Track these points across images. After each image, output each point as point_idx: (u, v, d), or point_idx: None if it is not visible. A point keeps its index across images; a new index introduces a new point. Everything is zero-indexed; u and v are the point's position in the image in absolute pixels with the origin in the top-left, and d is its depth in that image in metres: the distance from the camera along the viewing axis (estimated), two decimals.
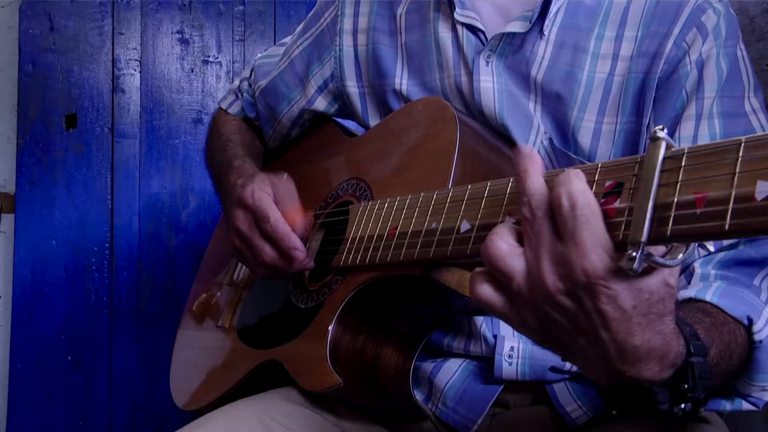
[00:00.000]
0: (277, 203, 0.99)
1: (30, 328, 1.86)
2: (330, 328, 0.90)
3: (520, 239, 0.59)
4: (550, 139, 0.96)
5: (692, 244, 0.53)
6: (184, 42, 1.97)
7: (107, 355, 1.90)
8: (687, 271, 0.87)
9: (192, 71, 1.98)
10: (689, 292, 0.81)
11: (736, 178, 0.49)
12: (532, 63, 0.96)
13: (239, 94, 1.30)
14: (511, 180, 0.67)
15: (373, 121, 1.12)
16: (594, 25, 0.95)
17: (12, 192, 1.91)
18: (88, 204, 1.90)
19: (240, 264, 1.21)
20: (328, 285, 0.96)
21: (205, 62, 1.98)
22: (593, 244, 0.53)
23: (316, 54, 1.17)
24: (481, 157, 0.92)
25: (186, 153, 1.95)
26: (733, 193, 0.49)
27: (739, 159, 0.49)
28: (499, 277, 0.59)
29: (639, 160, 0.56)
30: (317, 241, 1.05)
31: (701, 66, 0.90)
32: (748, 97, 0.91)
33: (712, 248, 0.84)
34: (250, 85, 1.27)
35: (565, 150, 0.95)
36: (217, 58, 1.99)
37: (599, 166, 0.59)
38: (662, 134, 0.54)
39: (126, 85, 1.94)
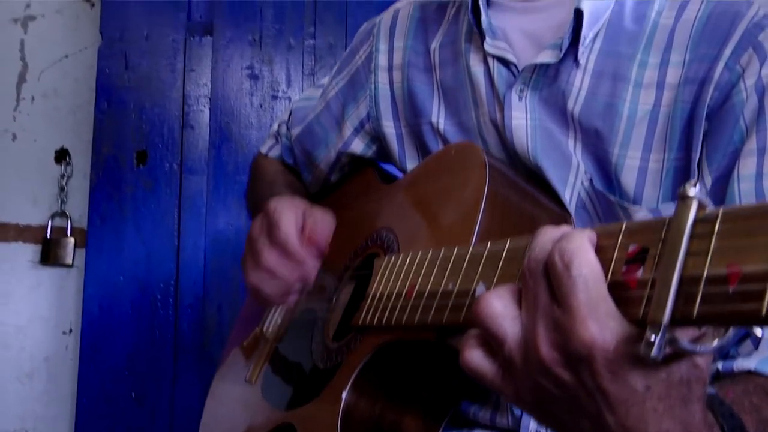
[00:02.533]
0: (303, 226, 0.95)
1: (96, 362, 1.88)
2: (343, 393, 0.82)
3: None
4: (591, 180, 0.85)
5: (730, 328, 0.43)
6: (253, 77, 1.96)
7: (170, 392, 1.89)
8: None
9: (261, 106, 1.96)
10: (749, 363, 0.68)
11: None
12: (569, 95, 0.86)
13: (278, 138, 1.25)
14: (528, 237, 0.58)
15: (411, 164, 1.05)
16: (636, 51, 0.85)
17: (85, 227, 1.95)
18: (156, 240, 1.90)
19: (271, 317, 1.15)
20: (347, 344, 0.89)
21: (274, 97, 1.96)
22: (591, 310, 0.45)
23: (351, 93, 1.11)
24: (513, 207, 0.83)
25: None
26: None
27: None
28: (490, 341, 0.52)
29: (667, 222, 0.46)
30: (347, 294, 0.98)
31: (761, 92, 0.77)
32: None
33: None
34: (288, 129, 1.22)
35: (607, 192, 0.85)
36: (286, 92, 1.97)
37: (624, 226, 0.49)
38: (693, 191, 0.44)
39: (195, 121, 1.94)
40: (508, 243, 0.62)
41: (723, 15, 0.81)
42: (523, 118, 0.88)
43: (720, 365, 0.70)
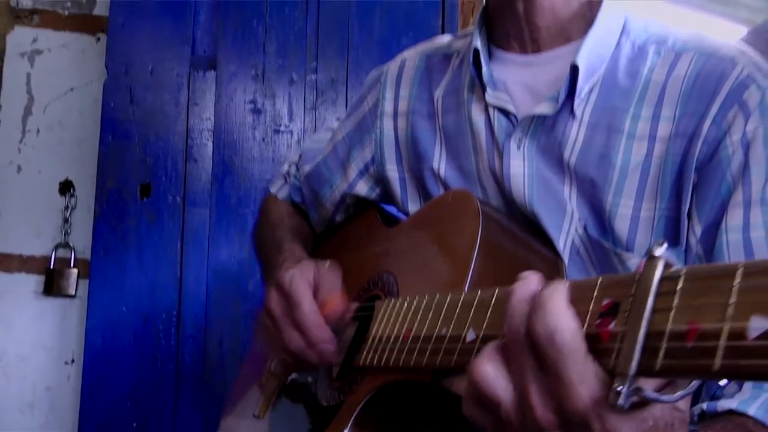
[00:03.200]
0: (317, 292, 0.95)
1: (98, 392, 1.89)
2: (345, 431, 0.85)
3: None
4: (585, 227, 0.89)
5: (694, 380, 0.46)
6: (256, 111, 2.00)
7: (171, 422, 1.90)
8: None
9: (263, 140, 2.00)
10: (731, 403, 0.71)
11: (730, 310, 0.42)
12: (565, 145, 0.90)
13: (287, 178, 1.29)
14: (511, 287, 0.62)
15: (413, 207, 1.09)
16: (629, 105, 0.89)
17: (89, 258, 1.97)
18: (158, 272, 1.93)
19: None
20: (349, 384, 0.91)
21: (277, 131, 2.00)
22: (579, 376, 0.48)
23: (357, 137, 1.15)
24: (505, 254, 0.87)
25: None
26: (725, 328, 0.42)
27: (736, 287, 0.43)
28: (487, 402, 0.54)
29: (636, 278, 0.49)
30: (350, 334, 1.01)
31: (747, 147, 0.81)
32: None
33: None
34: (297, 169, 1.26)
35: (601, 239, 0.88)
36: (289, 126, 2.00)
37: (599, 280, 0.52)
38: (660, 252, 0.48)
39: (199, 155, 1.97)
40: (496, 291, 0.65)
41: (710, 74, 0.85)
42: (521, 166, 0.92)
43: (705, 405, 0.73)
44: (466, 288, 0.79)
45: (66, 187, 2.08)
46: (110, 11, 2.00)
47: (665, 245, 0.48)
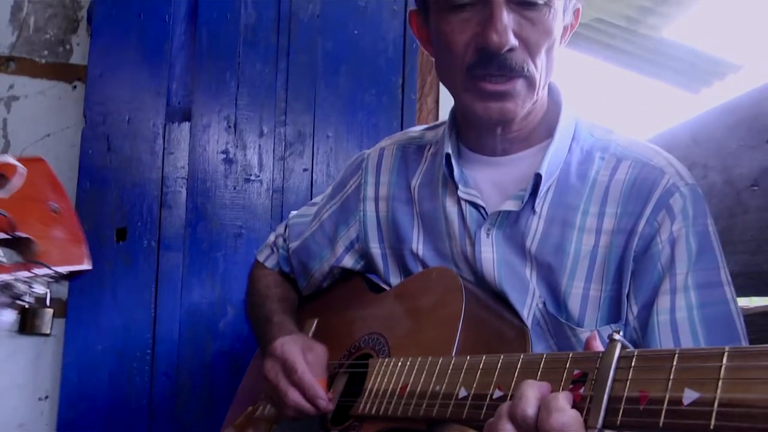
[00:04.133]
0: (306, 356, 1.12)
1: (74, 428, 1.98)
2: None
3: None
4: (544, 303, 1.07)
5: None
6: (228, 161, 2.13)
7: None
8: None
9: (235, 188, 2.13)
10: None
11: (669, 383, 0.61)
12: (527, 236, 1.08)
13: (275, 249, 1.43)
14: (501, 356, 0.81)
15: (394, 279, 1.24)
16: (580, 202, 1.07)
17: (64, 298, 2.06)
18: (133, 312, 2.03)
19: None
20: (347, 430, 1.07)
21: (248, 180, 2.13)
22: None
23: (343, 218, 1.30)
24: (484, 323, 1.04)
25: (226, 266, 2.08)
26: (667, 396, 0.61)
27: (673, 367, 0.62)
28: None
29: (600, 355, 0.69)
30: (341, 385, 1.16)
31: (672, 244, 1.01)
32: (723, 268, 1.01)
33: None
34: (285, 241, 1.41)
35: (557, 314, 1.06)
36: (259, 176, 2.14)
37: (570, 356, 0.72)
38: (618, 337, 0.68)
39: (173, 201, 2.09)
40: (483, 359, 0.84)
41: (644, 180, 1.05)
42: (491, 252, 1.10)
43: None
44: (453, 351, 0.96)
45: None
46: (89, 61, 2.10)
47: (621, 332, 0.67)
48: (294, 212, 1.49)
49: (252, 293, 1.42)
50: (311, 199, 1.95)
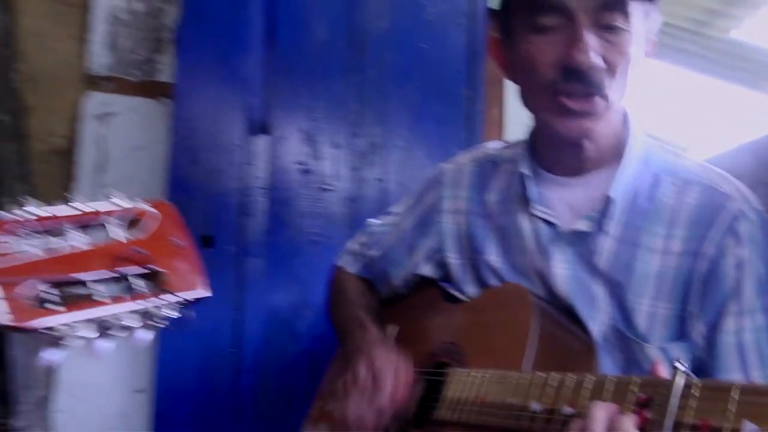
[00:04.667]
0: (397, 370, 1.22)
1: (167, 419, 2.15)
2: None
3: None
4: (612, 319, 1.14)
5: None
6: (305, 172, 2.26)
7: None
8: None
9: (311, 197, 2.26)
10: None
11: (730, 414, 0.69)
12: (597, 254, 1.15)
13: (356, 256, 1.54)
14: (573, 375, 0.90)
15: (469, 288, 1.32)
16: (648, 224, 1.14)
17: None
18: (219, 313, 2.18)
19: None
20: None
21: (323, 189, 2.26)
22: None
23: (422, 229, 1.40)
24: (553, 338, 1.12)
25: (304, 271, 2.22)
26: (726, 427, 0.69)
27: (734, 399, 0.69)
28: None
29: (665, 382, 0.77)
30: (419, 391, 1.27)
31: (739, 267, 1.07)
32: None
33: None
34: (366, 249, 1.51)
35: (624, 330, 1.13)
36: (334, 186, 2.26)
37: (637, 380, 0.81)
38: (683, 368, 0.76)
39: (254, 210, 2.24)
40: (555, 376, 0.92)
41: (711, 204, 1.11)
42: (563, 268, 1.18)
43: None
44: (522, 365, 1.05)
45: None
46: (176, 80, 2.26)
47: (686, 365, 0.74)
48: (373, 221, 1.59)
49: (336, 298, 1.53)
50: (384, 207, 2.06)
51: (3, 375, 2.14)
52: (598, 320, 1.14)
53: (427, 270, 1.40)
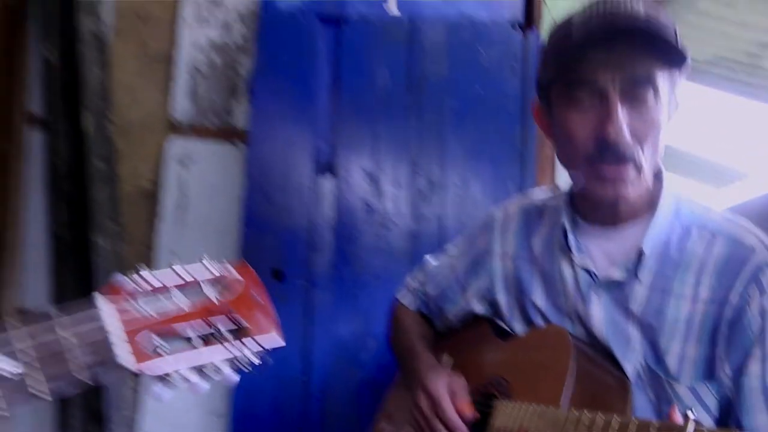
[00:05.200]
0: (450, 392, 1.36)
1: None
2: None
3: None
4: (645, 359, 1.25)
5: None
6: (369, 210, 2.42)
7: None
8: None
9: (375, 235, 2.41)
10: None
11: None
12: (631, 300, 1.27)
13: (414, 293, 1.69)
14: (601, 415, 1.01)
15: (517, 324, 1.45)
16: (678, 273, 1.25)
17: None
18: (289, 343, 2.32)
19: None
20: None
21: (386, 227, 2.41)
22: None
23: (474, 270, 1.54)
24: (589, 377, 1.24)
25: (368, 303, 2.37)
26: None
27: None
28: None
29: (679, 429, 0.89)
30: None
31: (763, 315, 1.17)
32: None
33: None
34: (423, 286, 1.66)
35: (656, 370, 1.24)
36: (396, 223, 2.41)
37: (656, 424, 0.93)
38: (692, 416, 0.88)
39: (321, 246, 2.40)
40: (588, 414, 1.04)
41: (736, 257, 1.22)
42: (600, 311, 1.30)
43: None
44: (561, 401, 1.18)
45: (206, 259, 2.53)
46: (251, 126, 2.46)
47: (695, 414, 0.87)
48: (430, 259, 1.73)
49: (396, 331, 1.68)
50: (443, 242, 2.20)
51: (98, 397, 2.35)
52: (632, 360, 1.25)
53: (479, 308, 1.53)
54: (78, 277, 2.47)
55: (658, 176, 1.32)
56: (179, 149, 2.59)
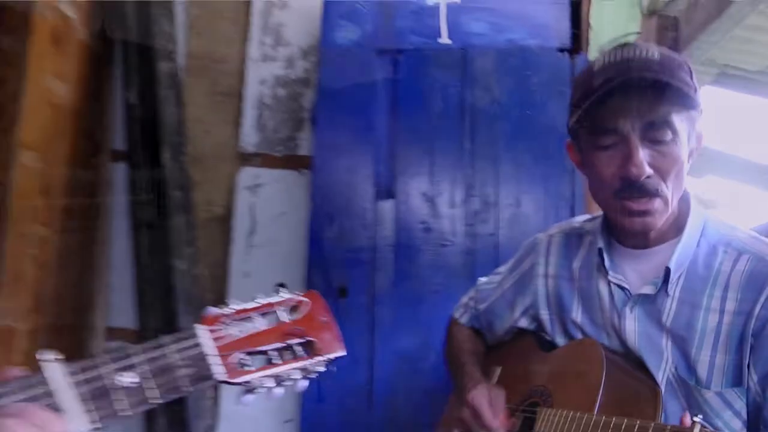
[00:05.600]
0: (491, 403, 1.50)
1: None
2: None
3: None
4: (676, 368, 1.36)
5: None
6: (426, 230, 2.57)
7: None
8: None
9: (433, 253, 2.56)
10: None
11: None
12: (662, 313, 1.37)
13: (468, 309, 1.83)
14: (625, 420, 1.15)
15: (559, 338, 1.57)
16: (706, 287, 1.35)
17: None
18: (355, 355, 2.51)
19: None
20: None
21: (443, 246, 2.56)
22: None
23: (520, 289, 1.67)
24: (621, 385, 1.36)
25: (427, 318, 2.51)
26: None
27: None
28: None
29: (686, 430, 1.02)
30: (518, 424, 1.53)
31: None
32: None
33: None
34: (475, 303, 1.80)
35: (687, 378, 1.34)
36: (452, 242, 2.56)
37: (669, 427, 1.06)
38: (698, 420, 1.00)
39: (383, 265, 2.56)
40: (614, 419, 1.18)
41: (760, 273, 1.31)
42: (633, 325, 1.41)
43: None
44: (596, 408, 1.30)
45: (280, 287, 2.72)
46: (314, 154, 2.64)
47: (701, 417, 0.99)
48: (482, 279, 1.87)
49: (449, 345, 1.82)
50: (496, 259, 2.33)
51: (181, 407, 2.56)
52: (663, 369, 1.36)
53: (524, 323, 1.66)
54: (159, 298, 2.69)
55: (685, 200, 1.43)
56: (249, 177, 2.79)
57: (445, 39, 2.65)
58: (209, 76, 2.80)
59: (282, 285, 1.05)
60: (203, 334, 0.88)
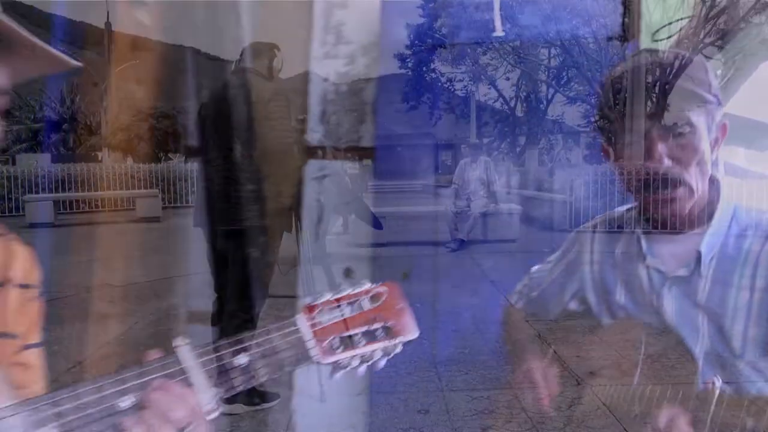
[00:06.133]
0: (545, 378, 1.64)
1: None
2: None
3: None
4: (711, 342, 1.47)
5: None
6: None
7: None
8: None
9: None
10: None
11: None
12: (697, 293, 1.48)
13: (520, 295, 1.96)
14: (660, 388, 1.26)
15: (604, 318, 1.70)
16: (736, 267, 1.45)
17: None
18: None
19: None
20: None
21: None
22: None
23: (568, 275, 1.79)
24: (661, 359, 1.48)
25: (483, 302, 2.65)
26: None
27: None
28: None
29: (708, 393, 1.15)
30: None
31: None
32: None
33: None
34: (527, 290, 1.93)
35: (721, 351, 1.45)
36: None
37: (696, 391, 1.17)
38: (718, 382, 1.13)
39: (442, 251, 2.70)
40: (649, 387, 1.30)
41: None
42: (671, 304, 1.52)
43: None
44: (635, 380, 1.43)
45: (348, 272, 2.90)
46: (375, 145, 2.79)
47: (720, 381, 1.12)
48: (534, 267, 1.99)
49: (506, 327, 1.96)
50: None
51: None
52: (700, 342, 1.48)
53: (574, 306, 1.78)
54: (235, 283, 2.88)
55: (716, 188, 1.53)
56: (314, 169, 2.96)
57: (499, 32, 2.76)
58: (276, 76, 2.96)
59: (349, 270, 1.17)
60: (301, 322, 1.03)
